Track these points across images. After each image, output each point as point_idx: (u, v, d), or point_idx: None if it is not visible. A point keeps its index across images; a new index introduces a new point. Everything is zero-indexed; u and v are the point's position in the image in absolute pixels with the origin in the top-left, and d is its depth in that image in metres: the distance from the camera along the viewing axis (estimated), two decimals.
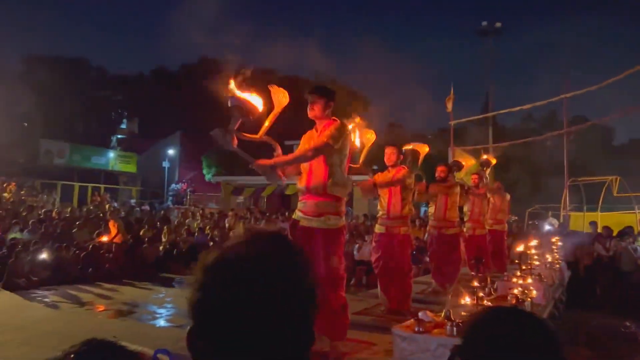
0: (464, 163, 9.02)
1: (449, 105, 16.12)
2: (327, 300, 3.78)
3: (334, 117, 3.97)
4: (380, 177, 5.75)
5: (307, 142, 4.01)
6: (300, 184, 3.97)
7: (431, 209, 7.26)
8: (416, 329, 3.45)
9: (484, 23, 21.73)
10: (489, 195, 8.95)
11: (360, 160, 5.09)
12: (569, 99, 15.48)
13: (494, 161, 10.02)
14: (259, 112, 3.55)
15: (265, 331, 0.84)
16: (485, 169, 9.35)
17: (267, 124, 3.71)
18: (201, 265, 0.90)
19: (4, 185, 19.22)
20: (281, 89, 3.76)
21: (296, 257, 0.93)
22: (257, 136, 3.75)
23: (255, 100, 3.52)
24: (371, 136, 5.07)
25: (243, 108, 3.43)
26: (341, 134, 3.81)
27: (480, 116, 18.43)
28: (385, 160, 5.80)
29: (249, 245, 0.91)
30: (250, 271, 0.86)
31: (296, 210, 4.03)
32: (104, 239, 12.10)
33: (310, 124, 4.11)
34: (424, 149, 6.61)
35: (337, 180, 3.87)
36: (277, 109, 3.71)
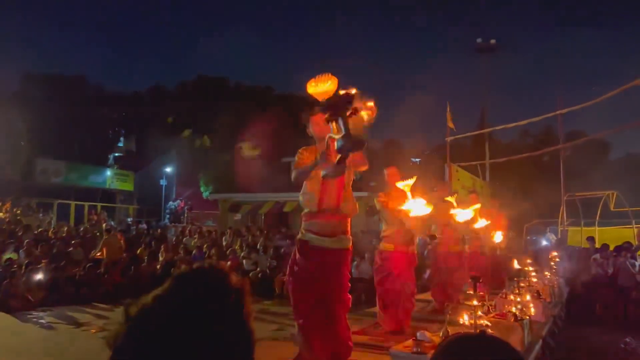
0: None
1: (450, 122, 16.19)
2: (334, 323, 3.74)
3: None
4: (396, 200, 5.62)
5: (311, 156, 3.88)
6: (311, 205, 3.91)
7: (434, 227, 7.25)
8: (414, 350, 3.43)
9: (479, 40, 21.93)
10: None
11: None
12: (564, 115, 15.57)
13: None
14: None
15: None
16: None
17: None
18: (125, 314, 0.88)
19: (0, 204, 19.14)
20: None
21: (228, 302, 0.89)
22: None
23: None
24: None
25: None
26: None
27: (477, 132, 18.50)
28: (389, 180, 5.65)
29: (175, 293, 0.88)
30: (172, 329, 0.83)
31: (304, 231, 3.93)
32: (99, 253, 12.04)
33: (305, 141, 4.09)
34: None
35: (349, 200, 3.89)
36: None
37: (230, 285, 0.92)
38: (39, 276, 10.21)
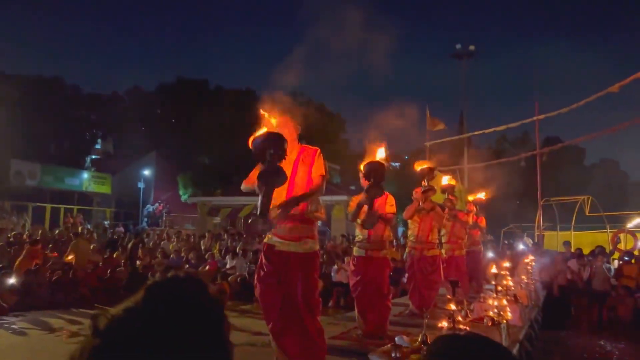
0: (436, 187, 9.01)
1: (432, 125, 16.32)
2: (304, 326, 3.73)
3: (307, 145, 4.05)
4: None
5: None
6: (276, 209, 3.91)
7: (411, 231, 7.25)
8: (393, 355, 3.42)
9: (458, 46, 22.18)
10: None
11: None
12: (541, 120, 15.81)
13: (453, 182, 10.05)
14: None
15: None
16: (448, 195, 9.30)
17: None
18: (92, 326, 0.84)
19: None
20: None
21: (206, 315, 0.86)
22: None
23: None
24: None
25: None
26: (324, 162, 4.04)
27: (456, 137, 18.67)
28: (363, 184, 5.75)
29: (148, 305, 0.84)
30: (144, 344, 0.79)
31: (269, 235, 3.96)
32: (70, 257, 11.79)
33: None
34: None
35: (316, 205, 3.89)
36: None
37: (208, 297, 0.88)
38: (12, 280, 9.98)
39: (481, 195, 10.10)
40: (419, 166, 7.12)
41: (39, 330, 8.36)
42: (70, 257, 11.91)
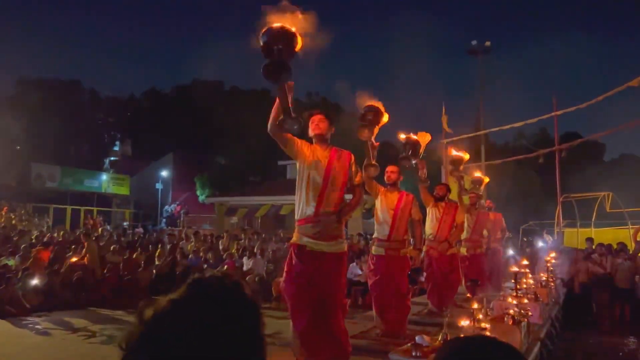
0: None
1: (445, 125, 16.21)
2: (331, 327, 3.73)
3: (343, 149, 4.09)
4: (385, 197, 5.68)
5: (312, 156, 3.92)
6: (307, 208, 3.88)
7: (429, 229, 7.21)
8: (413, 354, 3.42)
9: (474, 42, 21.97)
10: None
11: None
12: (560, 116, 15.63)
13: (486, 179, 10.02)
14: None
15: None
16: (478, 186, 9.36)
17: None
18: (139, 316, 0.89)
19: None
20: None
21: (246, 311, 0.91)
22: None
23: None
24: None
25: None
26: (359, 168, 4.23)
27: (472, 134, 18.51)
28: (385, 178, 5.76)
29: (192, 298, 0.89)
30: (189, 334, 0.84)
31: (299, 235, 3.91)
32: (74, 259, 11.86)
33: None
34: (425, 138, 6.33)
35: (347, 206, 3.97)
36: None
37: (245, 294, 0.94)
38: (35, 281, 10.15)
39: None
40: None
41: (62, 330, 8.50)
42: (74, 259, 11.92)
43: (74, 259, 11.83)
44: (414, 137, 5.91)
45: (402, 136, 5.92)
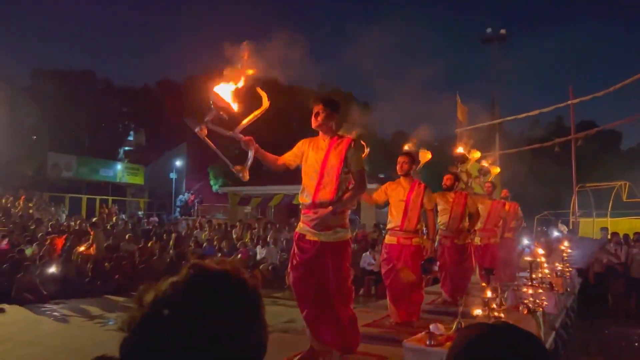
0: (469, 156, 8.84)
1: (460, 114, 16.08)
2: (336, 314, 3.75)
3: (342, 134, 4.01)
4: (394, 190, 5.66)
5: (312, 149, 3.94)
6: (306, 198, 3.92)
7: (441, 219, 7.18)
8: (428, 342, 3.41)
9: (489, 30, 21.73)
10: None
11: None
12: (576, 105, 15.42)
13: (496, 170, 9.92)
14: (233, 110, 3.56)
15: None
16: (484, 176, 9.26)
17: (244, 122, 3.75)
18: (138, 299, 0.89)
19: (11, 199, 19.30)
20: (263, 92, 3.82)
21: (242, 295, 0.91)
22: (230, 132, 3.75)
23: (231, 99, 3.54)
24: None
25: (219, 102, 3.46)
26: (362, 152, 4.00)
27: (487, 123, 18.34)
28: (397, 169, 5.74)
29: (193, 282, 0.89)
30: (189, 316, 0.84)
31: (300, 224, 3.96)
32: (82, 249, 11.97)
33: (312, 133, 4.10)
34: (425, 156, 6.66)
35: (348, 194, 3.87)
36: (258, 111, 3.73)
37: (245, 279, 0.93)
38: (52, 269, 10.30)
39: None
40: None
41: (79, 316, 8.63)
42: (82, 248, 12.01)
43: (82, 249, 11.95)
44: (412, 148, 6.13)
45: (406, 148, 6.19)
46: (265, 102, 3.74)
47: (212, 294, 0.88)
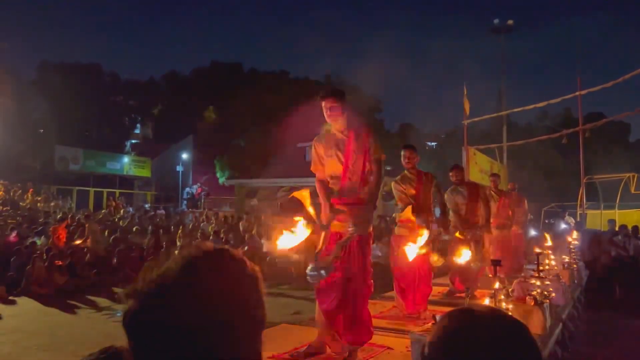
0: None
1: (466, 107, 16.00)
2: (356, 308, 3.74)
3: (361, 126, 3.98)
4: (402, 185, 5.64)
5: (323, 148, 3.91)
6: (333, 192, 3.87)
7: (452, 212, 7.14)
8: None
9: (496, 21, 21.57)
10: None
11: None
12: (584, 96, 15.31)
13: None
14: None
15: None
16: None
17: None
18: (139, 285, 0.90)
19: (19, 192, 19.43)
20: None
21: (240, 276, 0.91)
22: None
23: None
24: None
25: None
26: (378, 142, 3.91)
27: (494, 115, 18.26)
28: (403, 163, 5.70)
29: (189, 269, 0.89)
30: (186, 301, 0.84)
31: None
32: (78, 242, 11.99)
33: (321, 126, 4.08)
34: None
35: (370, 186, 3.86)
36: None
37: (243, 264, 0.93)
38: (60, 262, 10.36)
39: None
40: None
41: (88, 308, 8.69)
42: (78, 241, 12.03)
43: (78, 242, 11.98)
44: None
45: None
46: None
47: (210, 266, 0.89)
